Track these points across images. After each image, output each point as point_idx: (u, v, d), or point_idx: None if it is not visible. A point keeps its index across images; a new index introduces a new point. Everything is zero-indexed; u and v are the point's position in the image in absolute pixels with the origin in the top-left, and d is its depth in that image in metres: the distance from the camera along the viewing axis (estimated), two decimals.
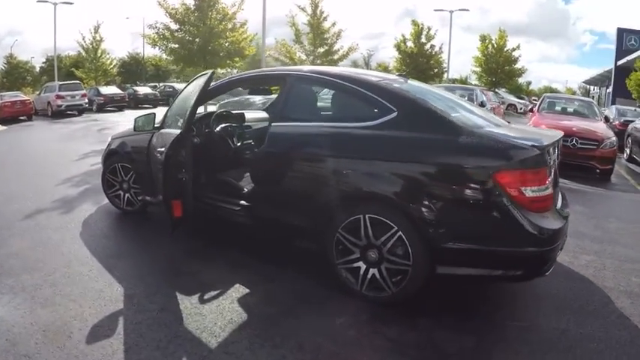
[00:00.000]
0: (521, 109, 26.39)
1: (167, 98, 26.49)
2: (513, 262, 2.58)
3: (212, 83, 3.79)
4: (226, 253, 3.66)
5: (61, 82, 21.17)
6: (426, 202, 2.59)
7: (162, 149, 3.29)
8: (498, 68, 25.91)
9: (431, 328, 2.59)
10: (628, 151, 10.53)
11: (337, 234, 2.90)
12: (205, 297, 2.95)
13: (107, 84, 28.07)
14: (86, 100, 20.25)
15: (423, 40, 25.87)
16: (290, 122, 3.26)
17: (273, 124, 3.29)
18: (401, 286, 2.72)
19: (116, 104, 22.36)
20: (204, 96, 3.42)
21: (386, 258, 2.74)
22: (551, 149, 2.74)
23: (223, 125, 4.14)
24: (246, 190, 3.65)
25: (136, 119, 4.08)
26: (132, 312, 2.70)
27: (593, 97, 40.14)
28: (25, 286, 2.98)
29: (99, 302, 2.80)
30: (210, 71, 3.50)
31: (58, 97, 19.18)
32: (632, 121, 11.20)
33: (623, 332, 2.67)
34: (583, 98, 12.30)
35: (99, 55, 29.37)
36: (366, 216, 2.77)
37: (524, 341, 2.54)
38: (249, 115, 4.78)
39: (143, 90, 26.66)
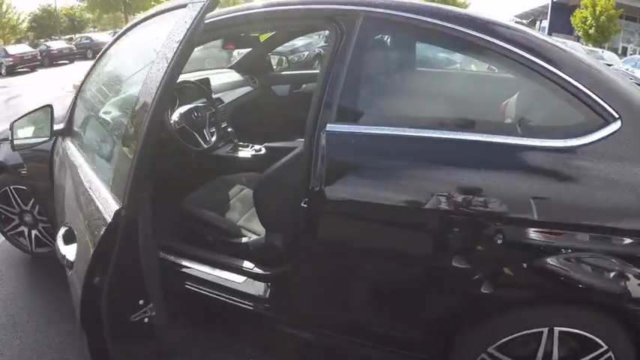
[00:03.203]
0: None
1: (85, 51, 22.00)
2: None
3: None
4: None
5: None
6: None
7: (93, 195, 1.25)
8: (442, 3, 24.31)
9: None
10: None
11: (483, 355, 1.37)
12: None
13: (17, 42, 23.09)
14: None
15: None
16: (371, 127, 1.34)
17: (329, 126, 1.33)
18: None
19: (28, 64, 18.07)
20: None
21: None
22: None
23: (184, 110, 2.21)
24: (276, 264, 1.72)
25: (12, 125, 1.92)
26: None
27: None
28: None
29: None
30: None
31: None
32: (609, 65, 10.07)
33: None
34: (566, 41, 10.83)
35: (4, 10, 24.08)
36: (555, 329, 1.29)
37: None
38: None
39: (57, 45, 21.88)
